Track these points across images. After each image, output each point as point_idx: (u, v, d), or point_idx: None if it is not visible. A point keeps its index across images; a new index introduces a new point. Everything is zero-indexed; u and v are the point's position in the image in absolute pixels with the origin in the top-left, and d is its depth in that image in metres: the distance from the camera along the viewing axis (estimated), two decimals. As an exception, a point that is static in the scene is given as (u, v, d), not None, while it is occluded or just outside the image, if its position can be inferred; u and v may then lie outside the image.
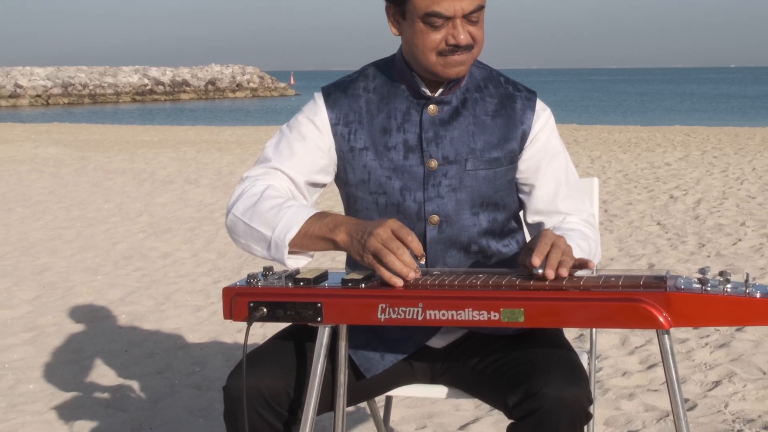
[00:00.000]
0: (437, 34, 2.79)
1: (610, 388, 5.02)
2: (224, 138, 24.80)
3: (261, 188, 2.86)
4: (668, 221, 10.21)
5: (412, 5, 2.78)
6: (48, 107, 64.81)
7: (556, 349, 2.79)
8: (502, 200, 3.00)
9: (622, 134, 23.73)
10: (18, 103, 67.09)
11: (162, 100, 75.13)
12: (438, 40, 2.80)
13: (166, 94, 78.49)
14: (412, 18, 2.81)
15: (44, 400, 5.02)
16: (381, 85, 3.01)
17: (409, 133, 2.95)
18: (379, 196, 2.95)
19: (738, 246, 8.74)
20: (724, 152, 17.89)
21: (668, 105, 59.90)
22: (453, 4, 2.74)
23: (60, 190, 13.83)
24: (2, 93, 68.48)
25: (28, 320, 6.63)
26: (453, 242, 2.96)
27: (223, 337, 6.12)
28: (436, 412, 4.74)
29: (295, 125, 3.00)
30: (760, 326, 5.53)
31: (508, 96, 3.02)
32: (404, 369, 3.02)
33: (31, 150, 20.89)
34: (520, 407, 2.60)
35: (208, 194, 13.14)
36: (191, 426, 4.64)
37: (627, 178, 14.10)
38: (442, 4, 2.74)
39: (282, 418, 2.75)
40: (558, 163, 3.04)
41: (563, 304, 2.44)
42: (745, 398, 4.82)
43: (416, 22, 2.80)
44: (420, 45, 2.82)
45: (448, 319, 2.49)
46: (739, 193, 12.19)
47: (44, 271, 8.18)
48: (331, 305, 2.56)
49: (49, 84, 72.07)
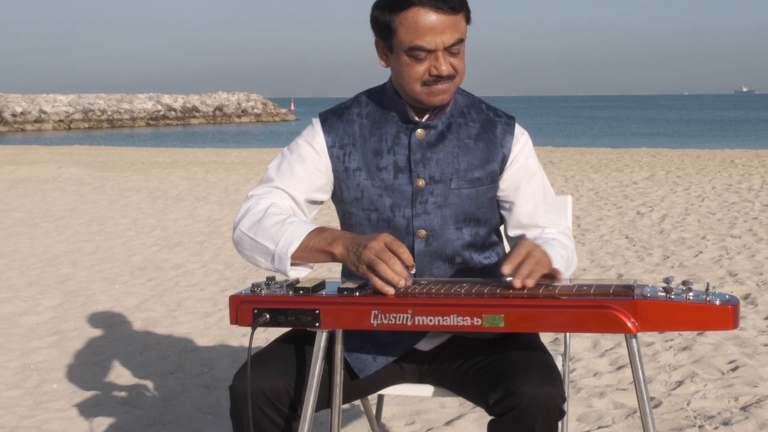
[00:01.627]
0: (421, 65, 2.80)
1: (582, 388, 5.01)
2: (230, 159, 24.77)
3: (265, 206, 2.87)
4: (635, 235, 10.21)
5: (397, 40, 2.80)
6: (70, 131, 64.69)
7: (532, 352, 2.79)
8: (484, 216, 3.00)
9: (593, 156, 23.73)
10: (42, 128, 66.96)
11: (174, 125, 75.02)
12: (422, 72, 2.81)
13: (177, 119, 78.39)
14: (398, 51, 2.82)
15: (66, 399, 5.01)
16: (373, 111, 3.01)
17: (399, 155, 2.95)
18: (372, 213, 2.95)
19: (699, 258, 8.74)
20: (687, 172, 17.90)
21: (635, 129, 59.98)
22: (434, 38, 2.75)
23: (81, 207, 13.81)
24: (28, 118, 68.35)
25: (52, 325, 6.62)
26: (439, 254, 2.96)
27: (229, 340, 6.11)
28: (424, 409, 4.74)
29: (295, 148, 3.01)
30: (719, 331, 5.53)
31: (489, 121, 3.03)
32: (394, 370, 3.02)
33: (55, 170, 20.85)
34: (500, 405, 2.61)
35: (216, 211, 13.12)
36: (200, 422, 4.63)
37: (598, 196, 14.11)
38: (424, 38, 2.75)
39: (283, 415, 2.75)
40: (536, 181, 3.05)
41: (540, 310, 2.45)
42: (706, 397, 4.82)
43: (402, 55, 2.81)
44: (406, 76, 2.83)
45: (434, 325, 2.49)
46: (700, 210, 12.20)
47: (66, 281, 8.16)
48: (328, 312, 2.57)
49: (70, 110, 71.96)
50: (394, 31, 2.80)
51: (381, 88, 3.05)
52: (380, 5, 2.84)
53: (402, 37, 2.78)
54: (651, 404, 2.61)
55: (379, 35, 2.89)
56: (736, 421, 4.40)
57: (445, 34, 2.76)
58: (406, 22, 2.76)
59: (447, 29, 2.76)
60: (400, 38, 2.79)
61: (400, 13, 2.77)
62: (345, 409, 4.65)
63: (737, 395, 4.81)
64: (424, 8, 2.74)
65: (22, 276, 8.44)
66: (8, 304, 7.25)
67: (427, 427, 4.49)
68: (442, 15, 2.75)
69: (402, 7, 2.76)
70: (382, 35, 2.87)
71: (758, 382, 4.99)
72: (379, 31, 2.88)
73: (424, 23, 2.75)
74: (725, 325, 2.38)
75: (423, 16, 2.75)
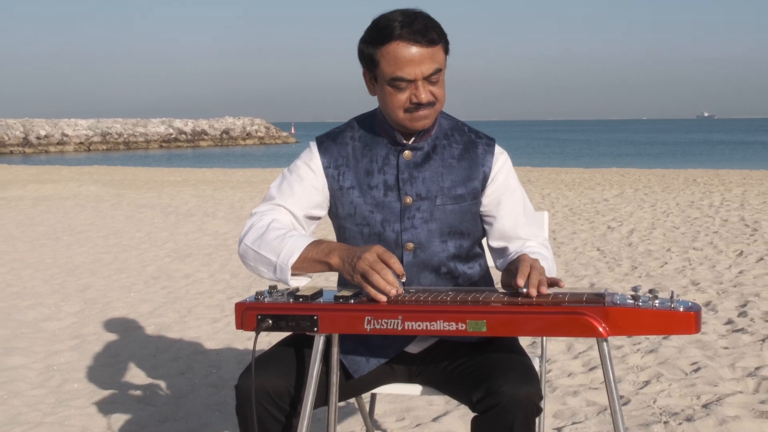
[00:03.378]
0: (403, 94, 2.81)
1: (557, 387, 5.01)
2: (236, 178, 24.75)
3: (267, 221, 2.88)
4: (606, 248, 10.21)
5: (381, 71, 2.81)
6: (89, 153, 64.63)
7: (512, 354, 2.79)
8: (467, 230, 3.01)
9: (568, 175, 23.76)
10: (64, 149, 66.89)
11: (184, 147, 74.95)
12: (404, 100, 2.82)
13: (187, 142, 78.35)
14: (382, 82, 2.83)
15: (86, 397, 4.99)
16: (364, 135, 3.02)
17: (388, 174, 2.96)
18: (364, 227, 2.96)
19: (664, 268, 8.75)
20: (653, 190, 17.91)
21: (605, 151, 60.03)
22: (413, 69, 2.77)
23: (99, 222, 13.78)
24: (51, 141, 68.30)
25: (73, 330, 6.60)
26: (426, 265, 2.96)
27: (235, 344, 6.10)
28: (413, 406, 4.73)
29: (294, 169, 3.02)
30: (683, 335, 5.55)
31: (471, 143, 3.04)
32: (386, 371, 3.01)
33: (75, 188, 20.82)
34: (483, 403, 2.61)
35: (223, 225, 13.10)
36: (209, 418, 4.62)
37: (572, 212, 14.11)
38: (405, 69, 2.76)
39: (284, 412, 2.74)
40: (516, 197, 3.06)
41: (519, 316, 2.45)
42: (671, 395, 4.82)
43: (385, 85, 2.82)
44: (390, 104, 2.84)
45: (423, 329, 2.50)
46: (666, 224, 12.20)
47: (86, 289, 8.14)
48: (325, 317, 2.57)
49: (90, 133, 71.91)
50: (377, 63, 2.82)
51: (372, 113, 3.06)
52: (365, 39, 2.85)
53: (385, 68, 2.80)
54: (620, 402, 2.60)
55: (366, 67, 2.90)
56: (698, 418, 4.40)
57: (423, 65, 2.77)
58: (387, 55, 2.78)
59: (425, 61, 2.77)
60: (383, 69, 2.80)
61: (382, 46, 2.79)
62: (341, 407, 4.64)
63: (699, 394, 4.81)
64: (403, 42, 2.75)
65: (45, 285, 8.42)
66: (33, 311, 7.24)
67: (416, 423, 4.49)
68: (421, 48, 2.76)
69: (384, 41, 2.78)
70: (368, 67, 2.89)
71: (718, 382, 5.00)
72: (365, 63, 2.89)
73: (403, 56, 2.76)
74: (688, 329, 2.38)
75: (403, 49, 2.76)
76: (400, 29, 2.76)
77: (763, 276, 8.19)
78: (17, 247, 11.03)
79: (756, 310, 6.72)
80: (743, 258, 9.23)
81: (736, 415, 4.44)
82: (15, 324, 6.80)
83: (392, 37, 2.76)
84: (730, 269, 8.57)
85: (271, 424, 2.74)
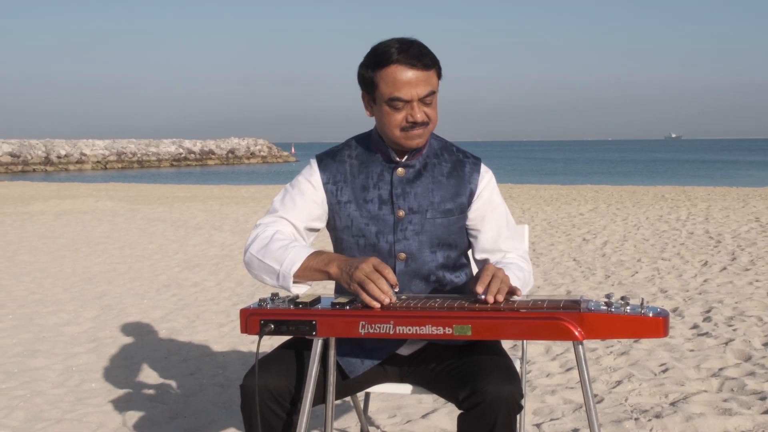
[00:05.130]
0: (399, 114, 2.82)
1: (537, 386, 5.01)
2: (241, 194, 24.75)
3: (271, 232, 2.88)
4: (582, 258, 10.22)
5: (379, 92, 2.82)
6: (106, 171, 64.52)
7: (495, 356, 2.79)
8: (455, 241, 3.01)
9: (546, 191, 23.79)
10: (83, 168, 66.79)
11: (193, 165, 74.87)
12: (400, 119, 2.83)
13: (196, 161, 78.26)
14: (380, 102, 2.84)
15: (103, 396, 4.98)
16: (361, 153, 3.03)
17: (383, 189, 2.96)
18: (360, 239, 2.96)
19: (635, 277, 8.75)
20: (625, 205, 17.94)
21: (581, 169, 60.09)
22: (410, 90, 2.78)
23: (115, 234, 13.76)
24: (71, 160, 68.24)
25: (91, 334, 6.59)
26: (416, 274, 2.96)
27: (240, 347, 6.09)
28: (404, 404, 4.72)
29: (296, 184, 3.02)
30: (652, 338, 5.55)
31: (459, 161, 3.04)
32: (379, 371, 3.01)
33: (93, 203, 20.80)
34: (468, 401, 2.61)
35: (229, 238, 13.09)
36: (216, 415, 4.61)
37: (550, 225, 14.12)
38: (402, 90, 2.77)
39: (285, 409, 2.74)
40: (499, 212, 3.06)
41: (501, 321, 2.45)
42: (641, 394, 4.81)
43: (383, 105, 2.83)
44: (387, 123, 2.85)
45: (413, 333, 2.50)
46: (636, 237, 12.22)
47: (103, 296, 8.13)
48: (323, 322, 2.57)
49: (106, 153, 71.82)
50: (376, 85, 2.83)
51: (368, 134, 3.07)
52: (365, 64, 2.86)
53: (383, 90, 2.80)
54: (595, 400, 2.60)
55: (365, 89, 2.91)
56: (666, 415, 4.41)
57: (419, 87, 2.79)
58: (386, 77, 2.79)
59: (421, 83, 2.79)
60: (381, 91, 2.81)
61: (381, 70, 2.80)
62: (337, 405, 4.63)
63: (667, 393, 4.81)
64: (401, 66, 2.77)
65: (65, 292, 8.40)
66: (54, 316, 7.22)
67: (407, 420, 4.48)
68: (417, 71, 2.78)
69: (383, 64, 2.79)
70: (366, 89, 2.90)
71: (685, 382, 5.00)
72: (364, 85, 2.90)
73: (401, 78, 2.77)
74: (657, 333, 2.39)
75: (400, 72, 2.77)
76: (398, 54, 2.77)
77: (726, 284, 8.20)
78: (40, 258, 11.01)
79: (719, 315, 6.72)
80: (708, 267, 9.24)
81: (701, 412, 4.45)
82: (37, 328, 6.79)
83: (390, 61, 2.78)
84: (696, 278, 8.58)
85: (273, 421, 2.74)
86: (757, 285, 8.09)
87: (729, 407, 4.51)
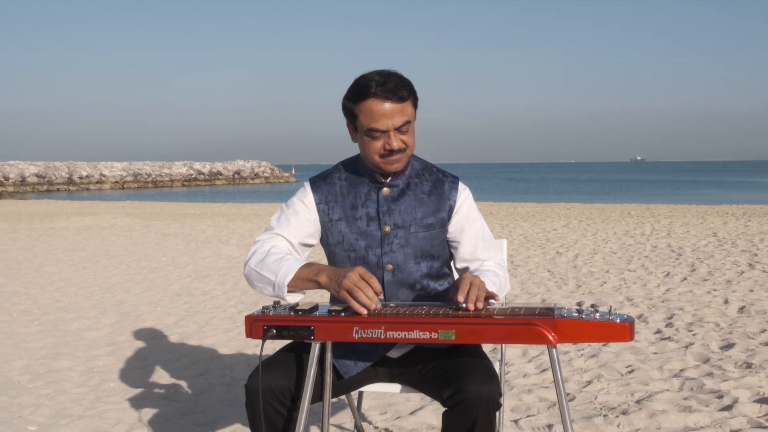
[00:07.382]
0: (377, 142, 2.83)
1: (515, 386, 5.00)
2: (246, 211, 24.73)
3: (268, 247, 2.88)
4: (555, 269, 10.23)
5: (359, 123, 2.83)
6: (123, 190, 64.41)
7: (476, 359, 2.79)
8: (437, 253, 3.01)
9: (523, 209, 23.81)
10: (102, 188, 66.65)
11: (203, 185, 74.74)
12: (378, 147, 2.84)
13: (205, 181, 78.13)
14: (360, 132, 2.85)
15: (121, 394, 4.97)
16: (349, 176, 3.04)
17: (370, 208, 2.97)
18: (351, 252, 2.96)
19: (604, 286, 8.76)
20: (594, 221, 17.97)
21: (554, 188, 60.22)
22: (386, 121, 2.79)
23: (132, 248, 13.74)
24: (91, 180, 68.12)
25: (110, 338, 6.57)
26: (403, 283, 2.97)
27: (245, 350, 6.08)
28: (394, 402, 4.72)
29: (291, 204, 3.03)
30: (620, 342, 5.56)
31: (439, 181, 3.05)
32: (371, 372, 3.01)
33: (112, 220, 20.76)
34: (452, 399, 2.60)
35: (235, 251, 13.07)
36: (223, 412, 4.60)
37: (527, 239, 14.13)
38: (379, 122, 2.78)
39: (286, 407, 2.74)
40: (476, 225, 3.06)
41: (482, 326, 2.45)
42: (609, 393, 4.82)
43: (363, 135, 2.84)
44: (367, 150, 2.86)
45: (402, 337, 2.50)
46: (605, 250, 12.23)
47: (121, 304, 8.11)
48: (321, 328, 2.57)
49: (124, 173, 71.74)
50: (356, 116, 2.84)
51: (355, 158, 3.08)
52: (347, 96, 2.87)
53: (362, 120, 2.82)
54: (567, 399, 2.61)
55: (348, 118, 2.92)
56: (632, 411, 4.41)
57: (394, 118, 2.79)
58: (364, 109, 2.80)
59: (396, 114, 2.79)
60: (361, 122, 2.82)
61: (360, 102, 2.81)
62: (333, 402, 4.63)
63: (633, 392, 4.82)
64: (377, 99, 2.77)
65: (87, 300, 8.38)
66: (76, 322, 7.20)
67: (396, 416, 4.47)
68: (392, 103, 2.78)
69: (362, 98, 2.80)
70: (349, 118, 2.91)
71: (649, 382, 5.00)
72: (347, 115, 2.91)
73: (377, 110, 2.78)
74: (624, 338, 2.39)
75: (377, 105, 2.78)
76: (375, 88, 2.78)
77: (686, 293, 8.21)
78: (63, 269, 10.99)
79: (681, 321, 6.73)
80: (670, 278, 9.25)
81: (663, 409, 4.45)
82: (61, 333, 6.77)
83: (368, 94, 2.78)
84: (659, 287, 8.59)
85: (275, 417, 2.74)
86: (714, 294, 8.10)
87: (689, 405, 4.51)
